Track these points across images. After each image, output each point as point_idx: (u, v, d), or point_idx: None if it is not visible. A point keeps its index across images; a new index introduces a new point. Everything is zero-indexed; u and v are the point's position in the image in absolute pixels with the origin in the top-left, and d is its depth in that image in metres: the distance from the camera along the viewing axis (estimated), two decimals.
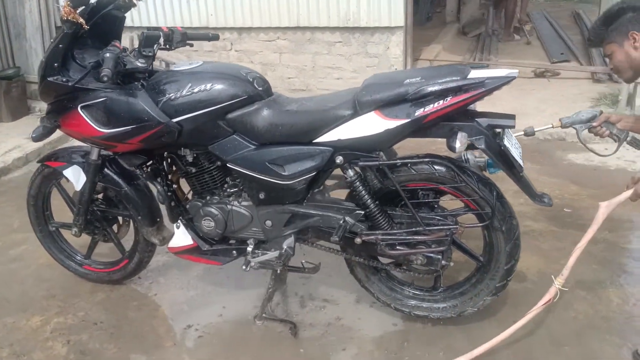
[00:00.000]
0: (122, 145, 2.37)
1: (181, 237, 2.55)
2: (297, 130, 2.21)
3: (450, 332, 2.44)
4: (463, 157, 2.27)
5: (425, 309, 2.45)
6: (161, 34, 2.46)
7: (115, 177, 2.62)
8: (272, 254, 2.45)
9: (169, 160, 2.51)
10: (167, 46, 2.49)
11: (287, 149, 2.24)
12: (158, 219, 2.70)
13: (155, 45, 2.40)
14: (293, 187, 2.27)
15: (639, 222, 3.29)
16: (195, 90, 2.23)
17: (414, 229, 2.22)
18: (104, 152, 2.52)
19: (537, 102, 5.23)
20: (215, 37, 2.73)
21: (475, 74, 2.02)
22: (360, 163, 2.17)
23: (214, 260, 2.57)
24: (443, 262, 2.24)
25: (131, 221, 2.77)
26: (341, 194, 2.41)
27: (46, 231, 2.92)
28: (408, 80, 2.06)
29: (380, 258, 2.43)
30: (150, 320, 2.67)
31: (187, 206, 2.53)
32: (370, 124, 2.09)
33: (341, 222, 2.25)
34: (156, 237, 2.69)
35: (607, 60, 2.31)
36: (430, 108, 2.02)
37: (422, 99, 2.02)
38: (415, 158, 2.18)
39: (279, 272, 2.58)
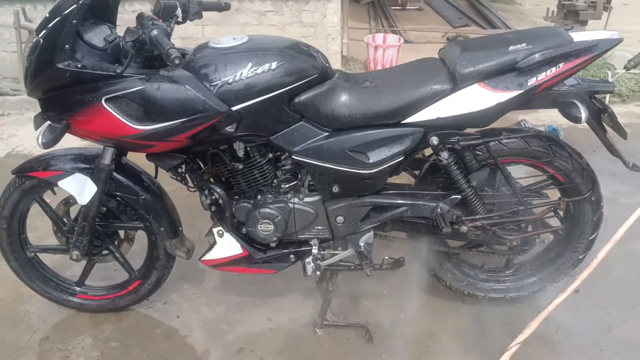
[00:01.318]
0: (164, 144, 1.89)
1: (226, 246, 2.14)
2: (384, 110, 1.91)
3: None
4: (523, 125, 2.14)
5: (501, 290, 2.33)
6: (177, 3, 2.01)
7: (129, 183, 2.13)
8: (344, 254, 2.16)
9: (211, 157, 2.06)
10: (181, 19, 2.04)
11: (371, 133, 1.94)
12: (180, 229, 2.26)
13: (173, 18, 1.96)
14: (376, 175, 1.99)
15: None
16: (259, 71, 1.83)
17: (514, 209, 2.06)
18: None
19: None
20: (227, 7, 2.30)
21: (579, 37, 1.88)
22: (462, 142, 1.94)
23: (266, 268, 2.20)
24: (537, 239, 2.12)
25: (147, 234, 2.27)
26: None
27: (23, 259, 2.31)
28: (513, 47, 1.86)
29: (450, 242, 2.25)
30: (189, 349, 2.24)
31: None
32: (475, 98, 1.87)
33: (438, 210, 2.02)
34: (181, 249, 2.25)
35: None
36: (543, 77, 1.85)
37: (531, 67, 1.84)
38: (518, 132, 2.01)
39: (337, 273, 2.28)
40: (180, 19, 2.01)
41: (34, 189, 2.16)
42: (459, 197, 2.02)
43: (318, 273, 2.16)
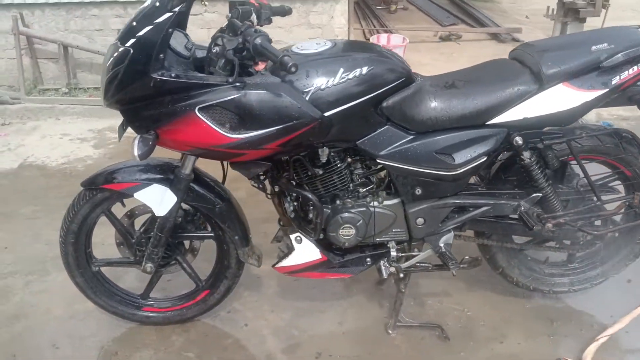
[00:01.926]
0: (255, 152, 1.87)
1: (305, 252, 2.13)
2: (470, 112, 1.94)
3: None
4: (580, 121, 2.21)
5: (565, 284, 2.39)
6: (252, 8, 2.00)
7: (205, 192, 2.09)
8: (423, 255, 2.17)
9: (293, 163, 2.04)
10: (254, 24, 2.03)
11: (457, 135, 1.96)
12: (250, 236, 2.24)
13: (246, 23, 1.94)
14: (461, 176, 2.01)
15: None
16: (350, 76, 1.83)
17: (589, 205, 2.12)
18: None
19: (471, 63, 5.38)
20: (290, 11, 2.29)
21: None
22: (546, 141, 1.98)
23: (343, 273, 2.20)
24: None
25: (217, 243, 2.24)
26: None
27: (89, 273, 2.24)
28: (595, 47, 1.91)
29: (516, 238, 2.30)
30: (265, 357, 2.21)
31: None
32: (561, 98, 1.92)
33: (522, 208, 2.05)
34: (252, 257, 2.23)
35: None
36: (625, 75, 1.91)
37: (615, 66, 1.90)
38: (596, 130, 2.07)
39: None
40: (254, 25, 2.00)
41: (105, 201, 2.10)
42: (540, 195, 2.06)
43: (386, 275, 2.16)
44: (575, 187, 2.13)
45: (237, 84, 1.78)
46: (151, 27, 1.72)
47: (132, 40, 1.74)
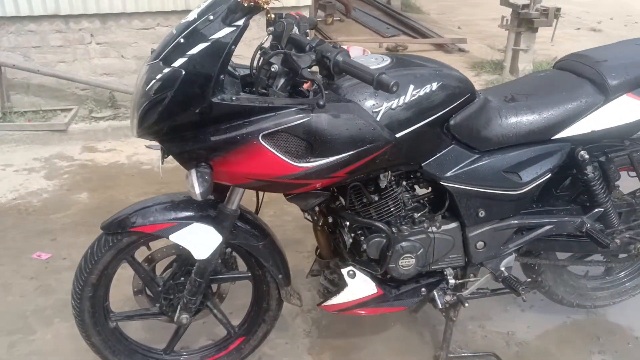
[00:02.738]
0: (321, 181, 1.65)
1: (359, 287, 1.93)
2: (538, 127, 1.84)
3: None
4: None
5: (606, 297, 2.34)
6: (294, 22, 1.80)
7: (249, 228, 1.85)
8: (481, 280, 2.04)
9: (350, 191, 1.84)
10: None
11: (525, 152, 1.86)
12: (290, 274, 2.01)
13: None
14: (526, 195, 1.90)
15: None
16: (421, 93, 1.67)
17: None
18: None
19: None
20: (316, 24, 2.09)
21: None
22: (611, 155, 1.91)
23: (398, 306, 2.01)
24: None
25: (255, 284, 1.99)
26: None
27: (107, 330, 1.91)
28: None
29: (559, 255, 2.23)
30: None
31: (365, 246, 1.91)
32: (627, 109, 1.86)
33: (587, 226, 1.97)
34: (294, 296, 2.00)
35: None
36: None
37: None
38: None
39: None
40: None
41: (130, 246, 1.80)
42: (602, 210, 1.99)
43: (441, 305, 2.01)
44: (627, 198, 2.08)
45: (304, 106, 1.56)
46: (207, 44, 1.47)
47: (182, 60, 1.47)
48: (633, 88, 1.86)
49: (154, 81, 1.50)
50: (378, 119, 1.62)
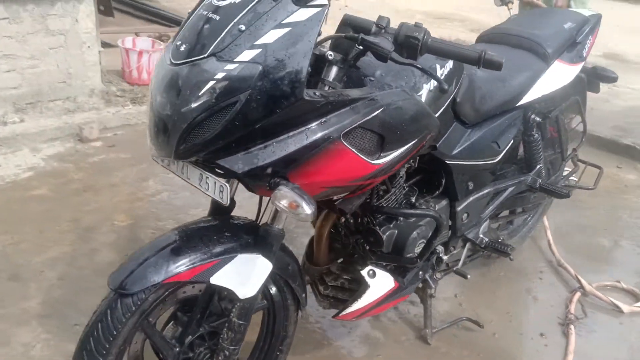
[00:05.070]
0: (385, 176, 1.50)
1: (381, 284, 1.81)
2: (511, 96, 1.97)
3: None
4: None
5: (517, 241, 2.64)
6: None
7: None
8: (465, 250, 2.11)
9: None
10: None
11: (502, 121, 1.98)
12: None
13: None
14: (499, 162, 2.02)
15: None
16: (446, 72, 1.64)
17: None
18: None
19: None
20: None
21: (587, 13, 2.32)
22: (554, 113, 2.15)
23: (405, 294, 1.96)
24: None
25: (271, 312, 1.70)
26: None
27: None
28: (566, 25, 2.16)
29: None
30: None
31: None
32: (561, 74, 2.12)
33: (539, 181, 2.18)
34: (303, 312, 1.80)
35: None
36: (588, 46, 2.22)
37: (583, 39, 2.19)
38: None
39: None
40: None
41: (155, 304, 1.37)
42: (542, 165, 2.22)
43: (434, 285, 2.04)
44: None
45: (371, 96, 1.38)
46: (286, 30, 1.19)
47: (253, 52, 1.17)
48: (561, 54, 2.12)
49: (211, 83, 1.16)
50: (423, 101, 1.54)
